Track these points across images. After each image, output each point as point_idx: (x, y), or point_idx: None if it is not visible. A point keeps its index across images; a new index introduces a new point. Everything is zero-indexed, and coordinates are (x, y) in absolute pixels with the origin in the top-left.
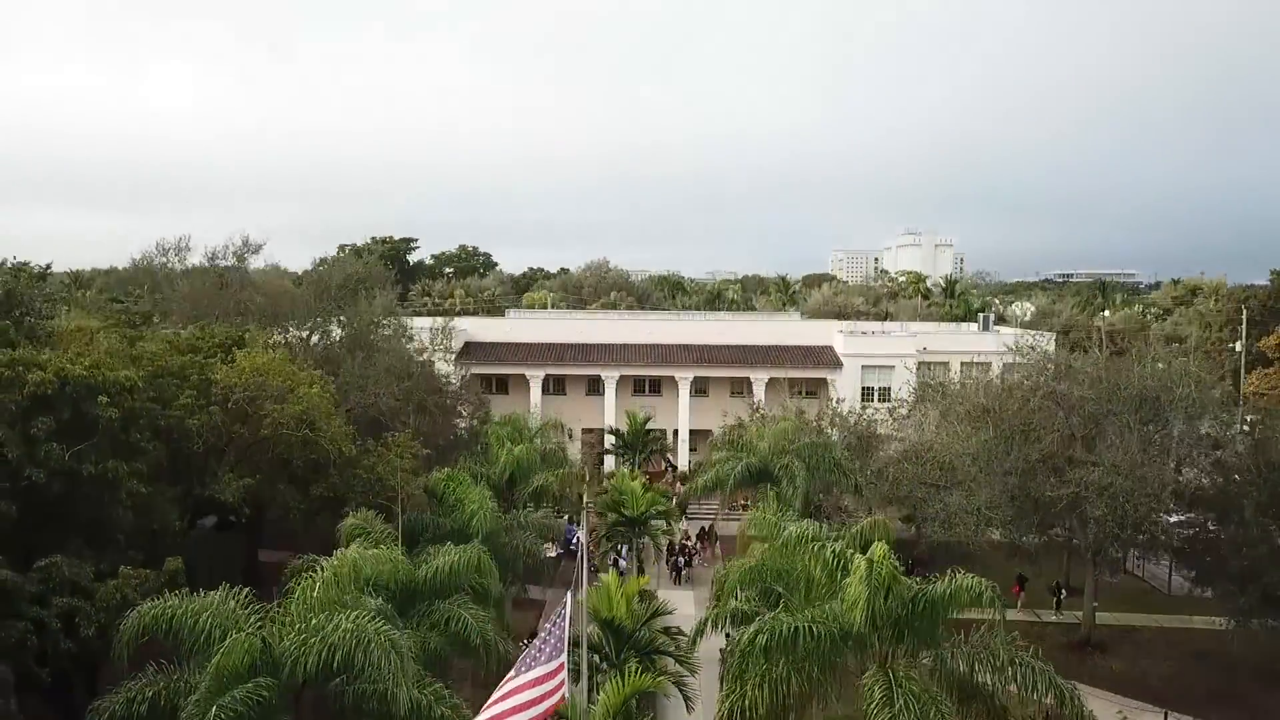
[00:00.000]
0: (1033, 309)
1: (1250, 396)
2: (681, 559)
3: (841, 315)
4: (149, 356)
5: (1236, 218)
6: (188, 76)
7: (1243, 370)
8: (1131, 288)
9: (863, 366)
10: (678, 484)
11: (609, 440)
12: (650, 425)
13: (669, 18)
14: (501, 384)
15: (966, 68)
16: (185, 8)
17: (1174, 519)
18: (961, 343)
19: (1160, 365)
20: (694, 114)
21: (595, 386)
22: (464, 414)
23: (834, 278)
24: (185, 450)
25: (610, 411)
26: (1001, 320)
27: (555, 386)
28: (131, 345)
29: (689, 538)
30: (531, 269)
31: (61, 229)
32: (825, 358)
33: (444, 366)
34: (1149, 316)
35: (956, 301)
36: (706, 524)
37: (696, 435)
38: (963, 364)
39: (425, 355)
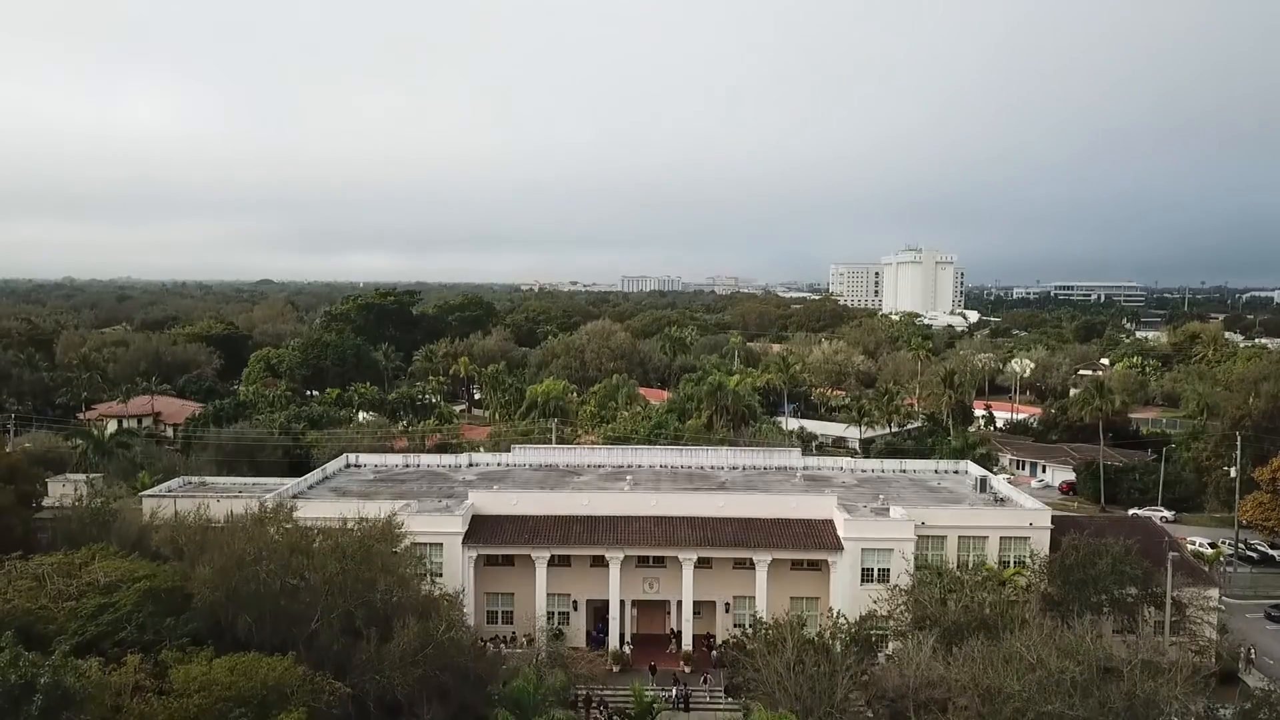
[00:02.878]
0: (1031, 364)
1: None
2: None
3: (842, 374)
4: None
5: (1234, 222)
6: (183, 86)
7: (1238, 493)
8: (1131, 313)
9: (863, 549)
10: (682, 662)
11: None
12: (654, 596)
13: (672, 30)
14: (508, 557)
15: (966, 74)
16: (182, 20)
17: None
18: (959, 517)
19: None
20: (696, 119)
21: (600, 557)
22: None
23: (835, 299)
24: None
25: (615, 588)
26: (1000, 372)
27: (561, 558)
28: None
29: None
30: (535, 307)
31: (52, 239)
32: (826, 537)
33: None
34: (1147, 371)
35: (955, 391)
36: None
37: (700, 603)
38: (960, 537)
39: (444, 627)
